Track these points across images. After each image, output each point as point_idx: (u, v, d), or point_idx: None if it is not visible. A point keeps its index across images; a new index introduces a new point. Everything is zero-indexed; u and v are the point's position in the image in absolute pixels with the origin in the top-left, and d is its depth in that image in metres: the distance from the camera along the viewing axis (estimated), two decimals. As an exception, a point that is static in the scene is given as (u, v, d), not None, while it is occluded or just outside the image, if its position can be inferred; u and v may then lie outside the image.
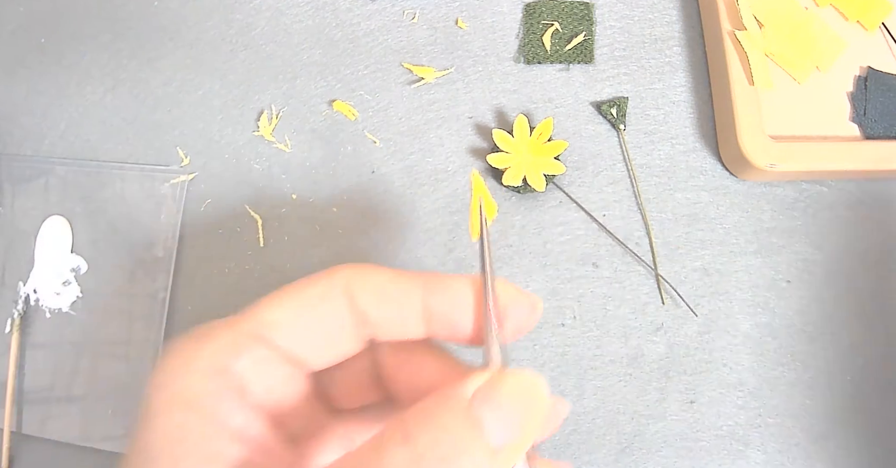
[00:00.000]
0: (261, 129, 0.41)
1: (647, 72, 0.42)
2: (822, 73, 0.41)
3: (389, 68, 0.42)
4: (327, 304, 0.20)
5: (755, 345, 0.39)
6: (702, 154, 0.41)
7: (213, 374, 0.19)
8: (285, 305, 0.20)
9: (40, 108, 0.43)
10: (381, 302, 0.21)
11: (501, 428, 0.18)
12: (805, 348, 0.39)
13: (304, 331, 0.20)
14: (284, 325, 0.20)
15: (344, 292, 0.21)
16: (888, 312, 0.39)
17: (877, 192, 0.41)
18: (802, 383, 0.38)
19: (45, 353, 0.39)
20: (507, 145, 0.39)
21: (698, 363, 0.38)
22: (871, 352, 0.39)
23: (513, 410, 0.18)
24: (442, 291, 0.21)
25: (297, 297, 0.21)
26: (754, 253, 0.40)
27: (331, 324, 0.21)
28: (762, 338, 0.39)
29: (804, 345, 0.39)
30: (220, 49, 0.43)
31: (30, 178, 0.41)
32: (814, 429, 0.38)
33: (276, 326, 0.20)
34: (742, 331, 0.39)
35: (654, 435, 0.38)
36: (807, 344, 0.39)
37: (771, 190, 0.41)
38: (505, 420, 0.18)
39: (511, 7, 0.43)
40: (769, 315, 0.39)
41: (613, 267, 0.39)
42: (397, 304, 0.21)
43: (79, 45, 0.43)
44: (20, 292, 0.39)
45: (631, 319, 0.39)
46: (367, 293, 0.21)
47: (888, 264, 0.40)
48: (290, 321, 0.20)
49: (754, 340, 0.39)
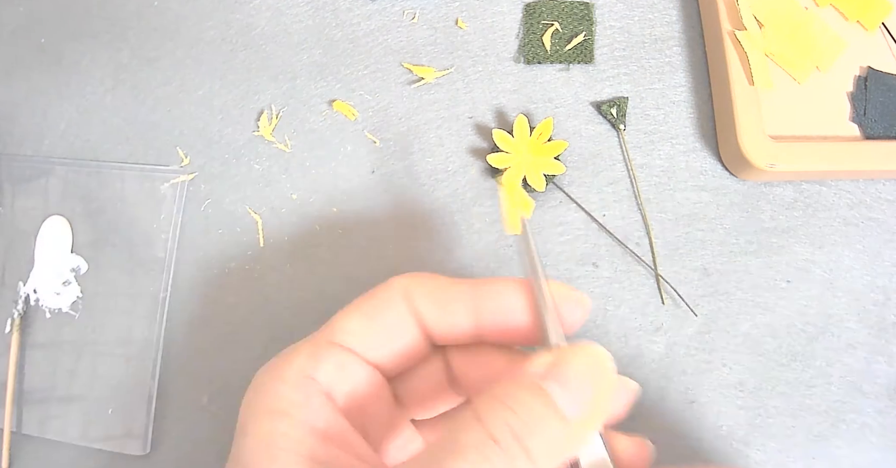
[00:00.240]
0: (261, 129, 0.41)
1: (647, 72, 0.42)
2: (822, 73, 0.41)
3: (389, 68, 0.42)
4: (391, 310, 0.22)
5: (755, 345, 0.39)
6: (702, 154, 0.41)
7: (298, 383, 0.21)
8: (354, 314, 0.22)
9: (40, 108, 0.43)
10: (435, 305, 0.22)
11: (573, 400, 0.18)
12: (805, 348, 0.39)
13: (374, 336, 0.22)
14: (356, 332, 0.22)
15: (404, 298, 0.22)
16: (888, 312, 0.39)
17: (877, 192, 0.41)
18: (802, 383, 0.38)
19: (45, 353, 0.39)
20: (507, 145, 0.39)
21: (698, 363, 0.38)
22: (871, 352, 0.39)
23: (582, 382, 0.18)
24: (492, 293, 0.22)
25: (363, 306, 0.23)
26: (754, 253, 0.40)
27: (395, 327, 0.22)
28: (762, 338, 0.39)
29: (804, 345, 0.39)
30: (220, 49, 0.43)
31: (30, 178, 0.41)
32: (814, 429, 0.38)
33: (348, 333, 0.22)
34: (742, 331, 0.39)
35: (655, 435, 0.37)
36: (807, 344, 0.39)
37: (771, 190, 0.41)
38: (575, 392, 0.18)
39: (511, 7, 0.43)
40: (769, 315, 0.39)
41: (613, 267, 0.39)
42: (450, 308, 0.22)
43: (79, 45, 0.43)
44: (20, 292, 0.39)
45: (631, 319, 0.39)
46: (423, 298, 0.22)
47: (888, 264, 0.40)
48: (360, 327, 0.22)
49: (754, 340, 0.39)
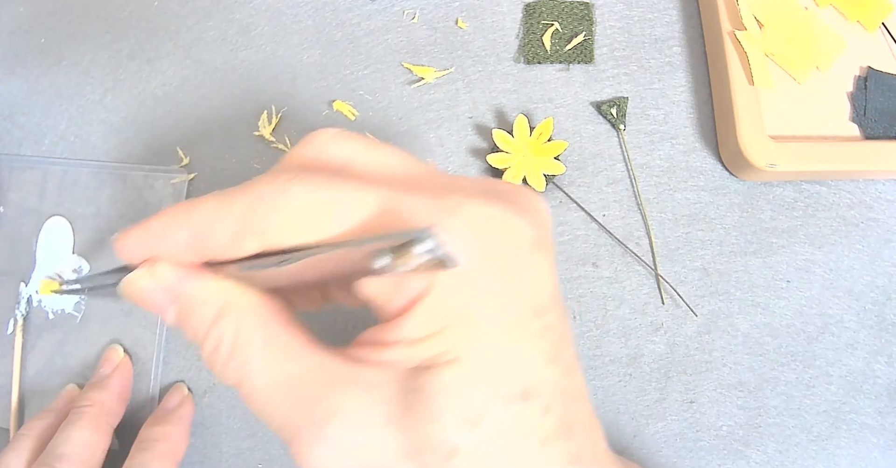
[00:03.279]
0: (261, 129, 0.41)
1: (647, 72, 0.42)
2: (821, 72, 0.41)
3: (389, 68, 0.42)
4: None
5: (755, 345, 0.39)
6: (702, 154, 0.41)
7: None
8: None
9: (40, 108, 0.42)
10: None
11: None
12: (805, 348, 0.39)
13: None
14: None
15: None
16: (888, 312, 0.39)
17: (877, 192, 0.41)
18: (802, 383, 0.38)
19: (47, 354, 0.39)
20: (507, 145, 0.39)
21: (698, 363, 0.38)
22: (871, 352, 0.39)
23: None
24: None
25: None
26: (754, 253, 0.40)
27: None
28: (762, 338, 0.39)
29: (804, 345, 0.39)
30: (220, 49, 0.43)
31: (30, 179, 0.41)
32: (814, 429, 0.38)
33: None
34: (742, 331, 0.39)
35: (654, 435, 0.38)
36: (807, 344, 0.39)
37: (771, 190, 0.41)
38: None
39: (511, 7, 0.43)
40: (769, 315, 0.39)
41: (613, 267, 0.39)
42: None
43: (79, 45, 0.43)
44: (22, 293, 0.39)
45: (631, 319, 0.39)
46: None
47: (888, 264, 0.40)
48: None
49: (754, 340, 0.39)
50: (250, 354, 0.21)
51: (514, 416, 0.20)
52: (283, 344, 0.21)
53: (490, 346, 0.20)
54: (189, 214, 0.22)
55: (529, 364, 0.20)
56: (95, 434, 0.34)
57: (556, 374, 0.21)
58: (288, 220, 0.20)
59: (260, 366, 0.21)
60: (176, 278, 0.22)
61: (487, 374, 0.19)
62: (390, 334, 0.20)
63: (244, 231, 0.21)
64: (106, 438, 0.34)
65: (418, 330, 0.19)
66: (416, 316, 0.19)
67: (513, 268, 0.20)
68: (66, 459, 0.32)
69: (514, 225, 0.21)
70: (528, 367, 0.20)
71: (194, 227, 0.21)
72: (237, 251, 0.21)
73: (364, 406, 0.20)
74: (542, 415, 0.20)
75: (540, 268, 0.21)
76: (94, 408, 0.34)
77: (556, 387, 0.21)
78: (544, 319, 0.21)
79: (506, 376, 0.20)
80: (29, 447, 0.34)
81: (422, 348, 0.19)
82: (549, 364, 0.20)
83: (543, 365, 0.20)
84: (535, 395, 0.20)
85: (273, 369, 0.21)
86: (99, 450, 0.34)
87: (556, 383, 0.21)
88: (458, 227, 0.19)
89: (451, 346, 0.19)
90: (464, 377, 0.19)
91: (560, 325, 0.21)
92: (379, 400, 0.20)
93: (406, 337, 0.19)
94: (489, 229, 0.20)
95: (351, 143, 0.23)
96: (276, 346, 0.21)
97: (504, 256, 0.20)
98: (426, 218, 0.19)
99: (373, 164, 0.23)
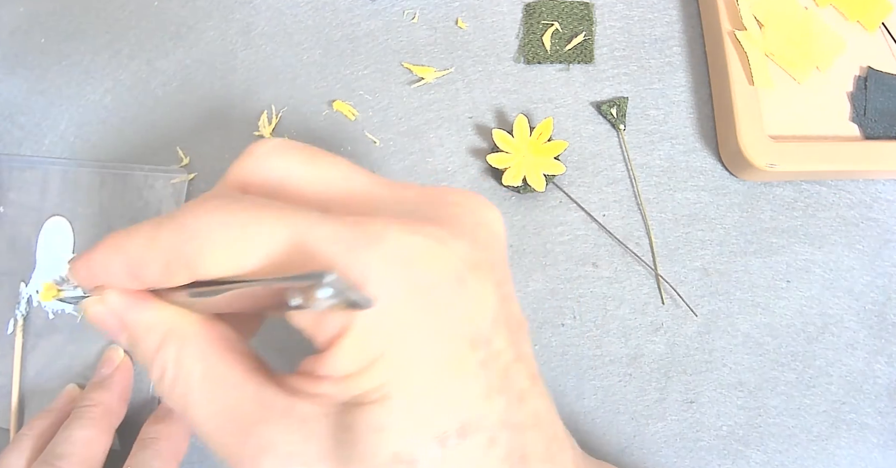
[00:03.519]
0: (261, 129, 0.41)
1: (647, 72, 0.42)
2: (821, 72, 0.41)
3: (389, 68, 0.42)
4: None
5: (755, 345, 0.39)
6: (702, 154, 0.41)
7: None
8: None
9: (40, 108, 0.42)
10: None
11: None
12: (805, 348, 0.39)
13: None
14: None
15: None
16: (888, 312, 0.39)
17: (877, 192, 0.41)
18: (802, 383, 0.38)
19: (48, 354, 0.39)
20: (507, 145, 0.39)
21: (698, 363, 0.38)
22: (871, 352, 0.39)
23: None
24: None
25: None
26: (754, 253, 0.40)
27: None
28: (762, 338, 0.39)
29: (804, 345, 0.39)
30: (220, 49, 0.43)
31: (30, 179, 0.41)
32: (814, 429, 0.38)
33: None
34: (742, 331, 0.39)
35: (654, 435, 0.38)
36: (807, 344, 0.39)
37: (771, 190, 0.41)
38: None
39: (511, 7, 0.43)
40: (769, 315, 0.39)
41: (613, 267, 0.39)
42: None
43: (79, 45, 0.43)
44: (22, 293, 0.39)
45: (631, 319, 0.39)
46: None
47: (888, 264, 0.40)
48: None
49: (754, 340, 0.39)
50: (191, 384, 0.21)
51: (453, 454, 0.19)
52: (222, 373, 0.21)
53: (422, 383, 0.19)
54: (121, 247, 0.21)
55: (467, 399, 0.19)
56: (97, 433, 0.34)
57: (501, 406, 0.20)
58: (208, 253, 0.20)
59: (200, 396, 0.21)
60: (123, 305, 0.22)
61: (419, 413, 0.19)
62: (320, 368, 0.19)
63: (173, 263, 0.20)
64: (107, 438, 0.34)
65: (342, 367, 0.19)
66: (340, 353, 0.18)
67: (442, 300, 0.19)
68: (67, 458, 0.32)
69: (439, 255, 0.19)
70: (465, 403, 0.19)
71: (127, 259, 0.21)
72: (171, 282, 0.21)
73: (297, 441, 0.19)
74: (485, 450, 0.19)
75: (477, 295, 0.20)
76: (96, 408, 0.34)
77: (502, 418, 0.20)
78: (487, 349, 0.20)
79: (440, 413, 0.19)
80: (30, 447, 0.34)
81: (349, 385, 0.19)
82: (492, 396, 0.20)
83: (484, 399, 0.19)
84: (476, 430, 0.19)
85: (212, 400, 0.20)
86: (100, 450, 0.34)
87: (503, 415, 0.20)
88: (376, 260, 0.18)
89: (379, 384, 0.18)
90: (394, 416, 0.18)
91: (509, 351, 0.20)
92: (312, 435, 0.19)
93: (332, 373, 0.19)
94: (411, 261, 0.19)
95: (288, 157, 0.22)
96: (215, 376, 0.21)
97: (431, 289, 0.19)
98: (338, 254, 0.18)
99: (309, 179, 0.22)
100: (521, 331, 0.22)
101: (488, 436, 0.19)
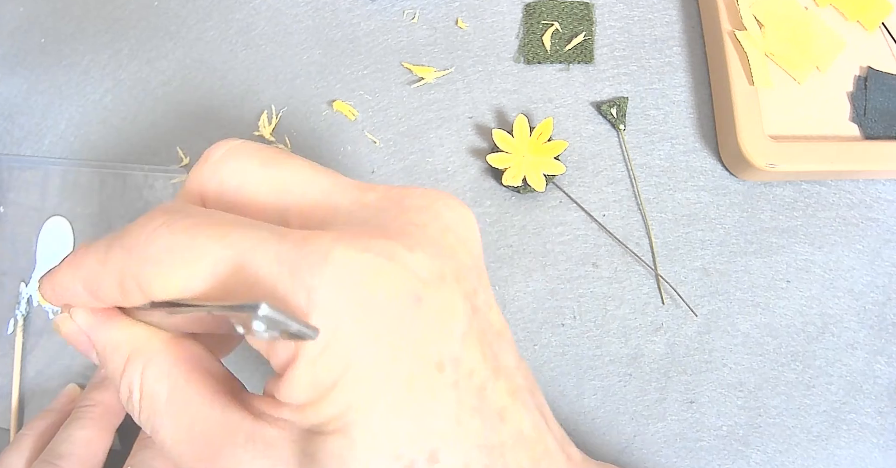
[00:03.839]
0: (261, 129, 0.41)
1: (647, 72, 0.42)
2: (821, 72, 0.41)
3: (389, 68, 0.42)
4: None
5: (755, 345, 0.39)
6: (702, 154, 0.41)
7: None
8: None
9: (40, 108, 0.43)
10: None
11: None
12: (805, 348, 0.39)
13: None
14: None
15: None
16: (888, 312, 0.39)
17: (877, 192, 0.41)
18: (802, 383, 0.38)
19: (48, 354, 0.39)
20: (507, 145, 0.39)
21: (698, 363, 0.38)
22: (871, 352, 0.39)
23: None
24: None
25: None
26: (754, 253, 0.40)
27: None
28: (762, 338, 0.39)
29: (804, 345, 0.39)
30: (220, 49, 0.43)
31: (30, 179, 0.41)
32: (814, 429, 0.38)
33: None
34: (742, 331, 0.39)
35: (654, 435, 0.38)
36: (807, 344, 0.39)
37: (771, 190, 0.41)
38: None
39: (511, 7, 0.43)
40: (769, 315, 0.39)
41: (613, 267, 0.39)
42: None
43: (79, 45, 0.43)
44: (22, 293, 0.39)
45: (631, 319, 0.39)
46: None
47: (888, 264, 0.40)
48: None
49: (754, 340, 0.39)
50: (156, 406, 0.20)
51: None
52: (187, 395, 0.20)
53: (385, 410, 0.18)
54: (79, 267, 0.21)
55: (437, 423, 0.18)
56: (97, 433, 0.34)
57: (476, 427, 0.19)
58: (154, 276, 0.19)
59: (166, 418, 0.20)
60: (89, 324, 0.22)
61: (383, 441, 0.18)
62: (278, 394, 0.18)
63: (125, 283, 0.20)
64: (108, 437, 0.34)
65: (296, 396, 0.18)
66: (293, 381, 0.18)
67: (398, 322, 0.18)
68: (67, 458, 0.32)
69: (390, 273, 0.18)
70: (435, 428, 0.18)
71: (83, 279, 0.21)
72: (128, 302, 0.20)
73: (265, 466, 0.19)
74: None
75: (440, 312, 0.18)
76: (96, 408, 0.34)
77: (478, 442, 0.19)
78: (456, 369, 0.19)
79: (407, 441, 0.18)
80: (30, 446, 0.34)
81: (307, 414, 0.18)
82: (464, 419, 0.19)
83: (455, 422, 0.18)
84: (449, 455, 0.18)
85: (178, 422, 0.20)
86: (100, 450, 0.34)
87: (478, 437, 0.19)
88: (322, 284, 0.17)
89: (338, 413, 0.18)
90: (356, 446, 0.17)
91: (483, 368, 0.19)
92: (277, 461, 0.18)
93: (289, 401, 0.18)
94: (360, 283, 0.18)
95: (244, 161, 0.21)
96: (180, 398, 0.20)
97: (384, 311, 0.18)
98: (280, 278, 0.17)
99: (267, 185, 0.21)
100: (501, 342, 0.21)
101: (463, 460, 0.18)
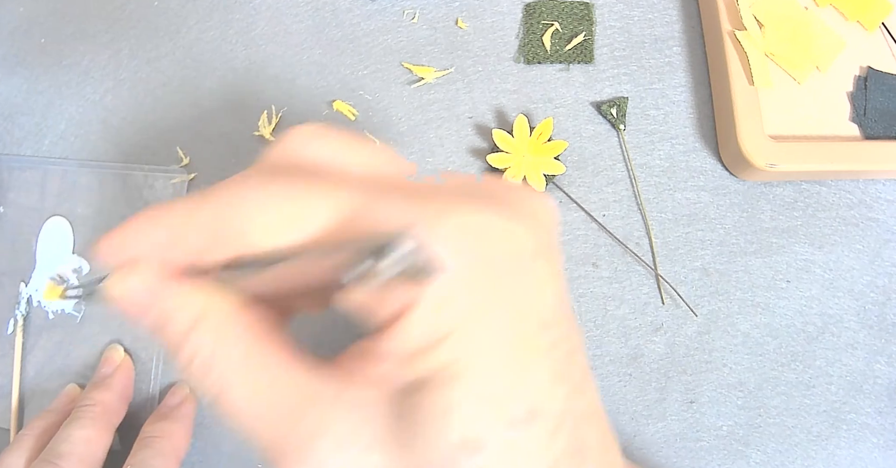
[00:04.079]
0: (261, 129, 0.41)
1: (647, 72, 0.42)
2: (821, 72, 0.41)
3: (389, 68, 0.42)
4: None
5: (755, 345, 0.39)
6: (702, 154, 0.41)
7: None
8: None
9: (40, 108, 0.42)
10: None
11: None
12: (805, 348, 0.39)
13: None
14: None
15: None
16: (888, 312, 0.39)
17: (877, 192, 0.41)
18: (802, 383, 0.38)
19: (48, 354, 0.39)
20: (507, 145, 0.39)
21: (698, 363, 0.38)
22: (871, 352, 0.39)
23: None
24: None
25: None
26: (754, 253, 0.40)
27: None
28: (762, 338, 0.39)
29: (804, 345, 0.39)
30: (220, 49, 0.43)
31: (30, 179, 0.41)
32: (814, 429, 0.38)
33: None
34: (742, 331, 0.39)
35: (654, 435, 0.38)
36: (807, 344, 0.39)
37: (771, 190, 0.41)
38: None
39: (511, 7, 0.43)
40: (769, 315, 0.39)
41: (613, 267, 0.39)
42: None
43: (79, 45, 0.43)
44: (22, 293, 0.39)
45: (631, 319, 0.39)
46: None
47: (888, 264, 0.40)
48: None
49: (754, 340, 0.39)
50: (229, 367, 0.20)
51: (520, 440, 0.18)
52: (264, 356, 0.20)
53: (492, 363, 0.18)
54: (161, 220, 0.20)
55: (536, 383, 0.18)
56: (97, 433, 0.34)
57: (564, 394, 0.19)
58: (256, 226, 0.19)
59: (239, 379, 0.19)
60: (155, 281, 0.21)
61: (490, 394, 0.18)
62: (379, 347, 0.18)
63: (215, 237, 0.19)
64: (107, 437, 0.34)
65: (410, 343, 0.17)
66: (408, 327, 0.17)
67: (513, 278, 0.18)
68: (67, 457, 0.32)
69: (510, 232, 0.18)
70: (534, 387, 0.18)
71: (168, 232, 0.20)
72: (211, 257, 0.20)
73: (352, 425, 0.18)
74: (549, 439, 0.18)
75: (543, 278, 0.19)
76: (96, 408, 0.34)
77: (566, 407, 0.19)
78: (551, 334, 0.19)
79: (510, 396, 0.18)
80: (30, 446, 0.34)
81: (415, 363, 0.18)
82: (557, 383, 0.19)
83: (551, 384, 0.19)
84: (542, 417, 0.18)
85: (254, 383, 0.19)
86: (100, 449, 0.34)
87: (566, 403, 0.19)
88: (444, 235, 0.17)
89: (448, 362, 0.17)
90: (463, 396, 0.17)
91: (569, 340, 0.20)
92: (368, 418, 0.18)
93: (396, 351, 0.18)
94: (481, 237, 0.18)
95: (331, 141, 0.21)
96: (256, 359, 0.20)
97: (501, 266, 0.18)
98: (403, 224, 0.17)
99: (354, 163, 0.21)
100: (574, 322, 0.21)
101: (553, 424, 0.18)
